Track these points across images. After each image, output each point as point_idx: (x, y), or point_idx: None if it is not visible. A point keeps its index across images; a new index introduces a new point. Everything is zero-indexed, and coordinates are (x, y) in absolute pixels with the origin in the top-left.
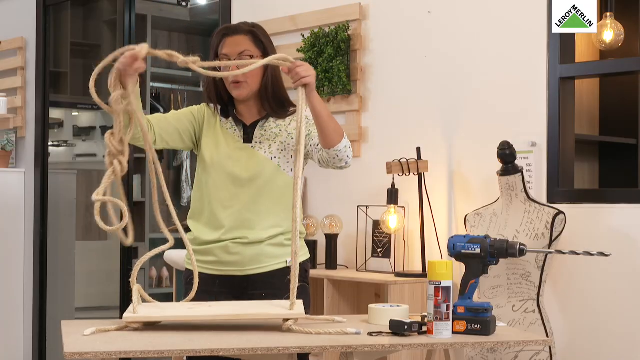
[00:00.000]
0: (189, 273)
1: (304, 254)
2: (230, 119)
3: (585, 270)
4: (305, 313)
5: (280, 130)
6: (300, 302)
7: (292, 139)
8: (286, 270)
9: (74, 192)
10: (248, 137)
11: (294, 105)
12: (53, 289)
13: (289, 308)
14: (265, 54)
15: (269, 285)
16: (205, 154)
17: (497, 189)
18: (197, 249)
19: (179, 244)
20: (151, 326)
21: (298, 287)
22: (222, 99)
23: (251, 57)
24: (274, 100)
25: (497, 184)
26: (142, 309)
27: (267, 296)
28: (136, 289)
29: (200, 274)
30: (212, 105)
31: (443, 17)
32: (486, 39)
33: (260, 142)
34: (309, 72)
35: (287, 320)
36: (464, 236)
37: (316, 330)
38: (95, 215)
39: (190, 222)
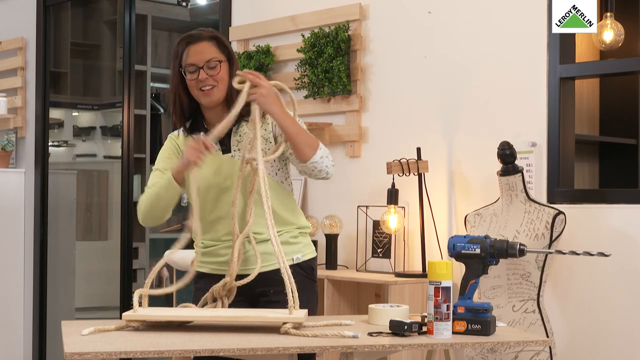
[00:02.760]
0: (199, 274)
1: (311, 252)
2: (202, 134)
3: (585, 270)
4: (313, 310)
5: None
6: (305, 311)
7: (270, 142)
8: (293, 268)
9: (74, 192)
10: (226, 148)
11: None
12: (53, 289)
13: (289, 313)
14: (229, 59)
15: (276, 282)
16: (191, 176)
17: (497, 189)
18: (202, 250)
19: None
20: (151, 326)
21: (305, 284)
22: (185, 116)
23: (219, 62)
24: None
25: (497, 184)
26: (143, 309)
27: (274, 293)
28: (137, 293)
29: (207, 274)
30: (177, 132)
31: (443, 17)
32: (486, 39)
33: (239, 150)
34: (257, 90)
35: (285, 323)
36: (464, 236)
37: (313, 333)
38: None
39: (195, 245)
